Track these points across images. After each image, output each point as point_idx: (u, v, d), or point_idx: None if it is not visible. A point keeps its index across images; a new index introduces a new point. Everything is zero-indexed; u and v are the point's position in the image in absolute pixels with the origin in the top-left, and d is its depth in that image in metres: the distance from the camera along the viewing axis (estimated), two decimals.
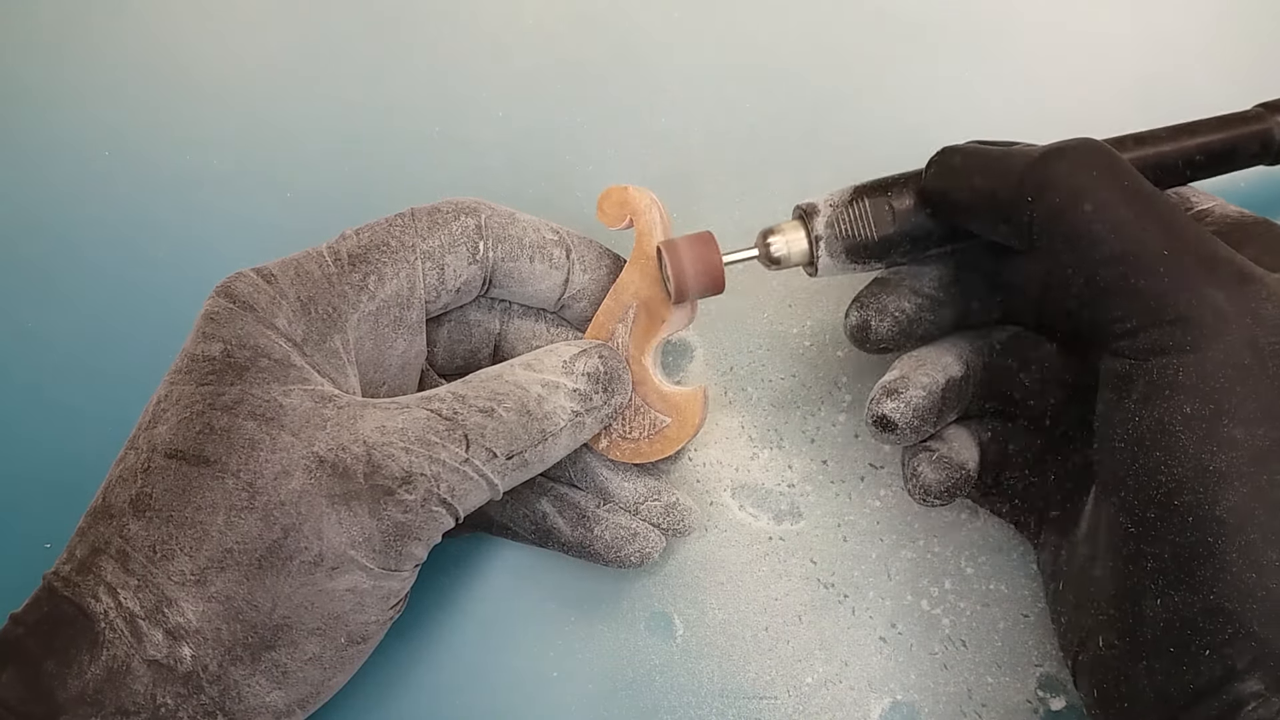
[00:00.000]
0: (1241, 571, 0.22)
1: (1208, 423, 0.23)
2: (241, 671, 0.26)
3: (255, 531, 0.26)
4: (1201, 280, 0.24)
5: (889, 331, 0.31)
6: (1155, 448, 0.24)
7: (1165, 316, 0.24)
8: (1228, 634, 0.22)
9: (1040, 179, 0.26)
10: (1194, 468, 0.23)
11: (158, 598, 0.26)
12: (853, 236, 0.30)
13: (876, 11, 0.42)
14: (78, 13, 0.45)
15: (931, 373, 0.30)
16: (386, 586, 0.28)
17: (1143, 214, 0.25)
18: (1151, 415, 0.24)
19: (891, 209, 0.30)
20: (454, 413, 0.28)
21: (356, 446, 0.27)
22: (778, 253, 0.31)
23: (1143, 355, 0.24)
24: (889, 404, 0.29)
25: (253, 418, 0.27)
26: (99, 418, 0.37)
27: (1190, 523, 0.23)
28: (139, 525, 0.26)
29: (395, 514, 0.27)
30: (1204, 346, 0.23)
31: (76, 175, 0.42)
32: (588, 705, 0.33)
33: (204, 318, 0.29)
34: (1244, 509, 0.22)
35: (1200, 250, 0.25)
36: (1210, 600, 0.23)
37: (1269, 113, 0.32)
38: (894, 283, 0.31)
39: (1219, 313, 0.24)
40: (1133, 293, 0.24)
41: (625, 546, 0.32)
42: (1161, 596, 0.24)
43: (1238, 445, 0.23)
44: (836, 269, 0.31)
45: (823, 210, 0.31)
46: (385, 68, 0.43)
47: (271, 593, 0.26)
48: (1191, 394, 0.23)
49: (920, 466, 0.30)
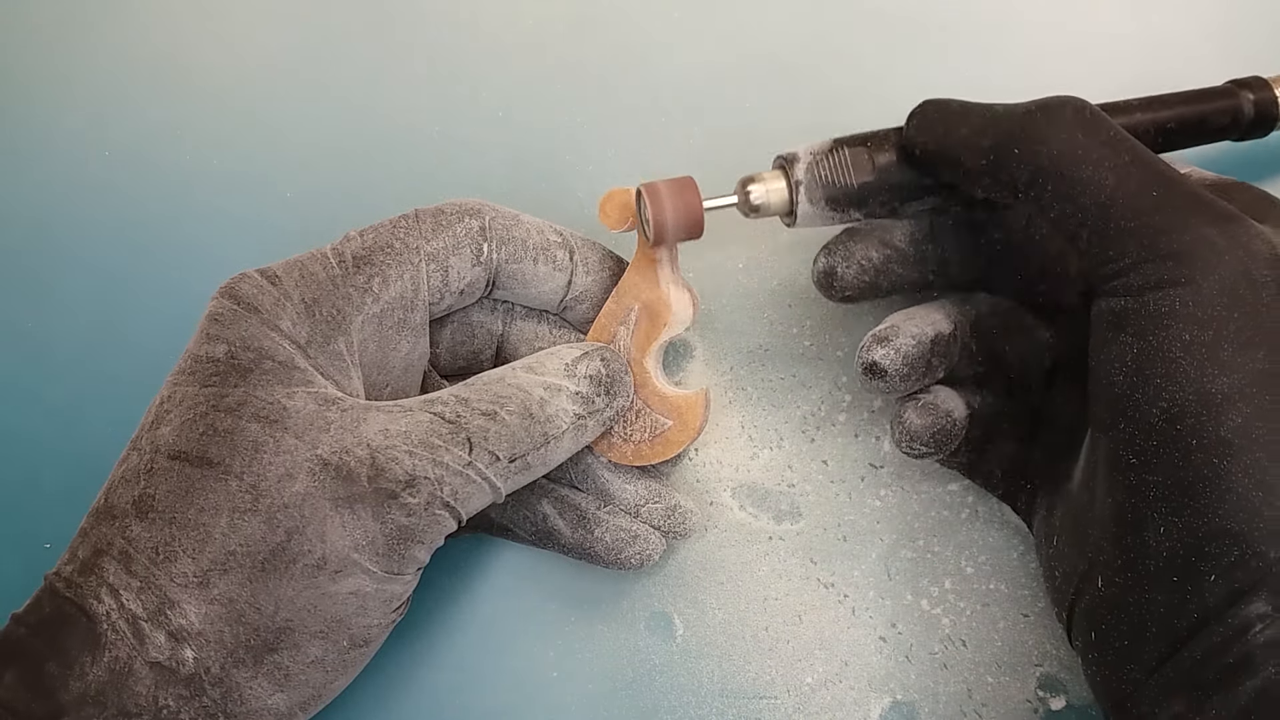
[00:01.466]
0: (1247, 491, 0.23)
1: (1207, 348, 0.24)
2: (244, 674, 0.26)
3: (258, 534, 0.26)
4: (1192, 217, 0.25)
5: (854, 279, 0.32)
6: (1155, 376, 0.24)
7: (1159, 252, 0.25)
8: (1234, 555, 0.23)
9: (1030, 130, 0.27)
10: (1195, 392, 0.23)
11: (160, 599, 0.26)
12: (832, 184, 0.31)
13: (876, 11, 0.42)
14: (78, 13, 0.44)
15: (921, 325, 0.30)
16: (389, 590, 0.28)
17: (1132, 160, 0.26)
18: (1150, 346, 0.24)
19: (872, 159, 0.31)
20: (457, 416, 0.28)
21: (360, 449, 0.27)
22: (757, 200, 0.31)
23: (1137, 291, 0.25)
24: (879, 350, 0.30)
25: (256, 420, 0.27)
26: (99, 418, 0.37)
27: (1194, 445, 0.23)
28: (141, 526, 0.26)
29: (399, 517, 0.27)
30: (1199, 279, 0.24)
31: (76, 175, 0.42)
32: (588, 705, 0.33)
33: (208, 319, 0.29)
34: (1247, 429, 0.23)
35: (1187, 191, 0.25)
36: (1215, 523, 0.23)
37: (1239, 89, 0.33)
38: (864, 233, 0.32)
39: (1213, 246, 0.24)
40: (1127, 233, 0.25)
41: (625, 549, 0.32)
42: (1165, 524, 0.24)
43: (1238, 368, 0.23)
44: (815, 218, 0.31)
45: (803, 158, 0.31)
46: (385, 68, 0.43)
47: (274, 595, 0.26)
48: (1190, 322, 0.24)
49: (907, 413, 0.31)
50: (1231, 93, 0.33)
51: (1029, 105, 0.28)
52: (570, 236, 0.33)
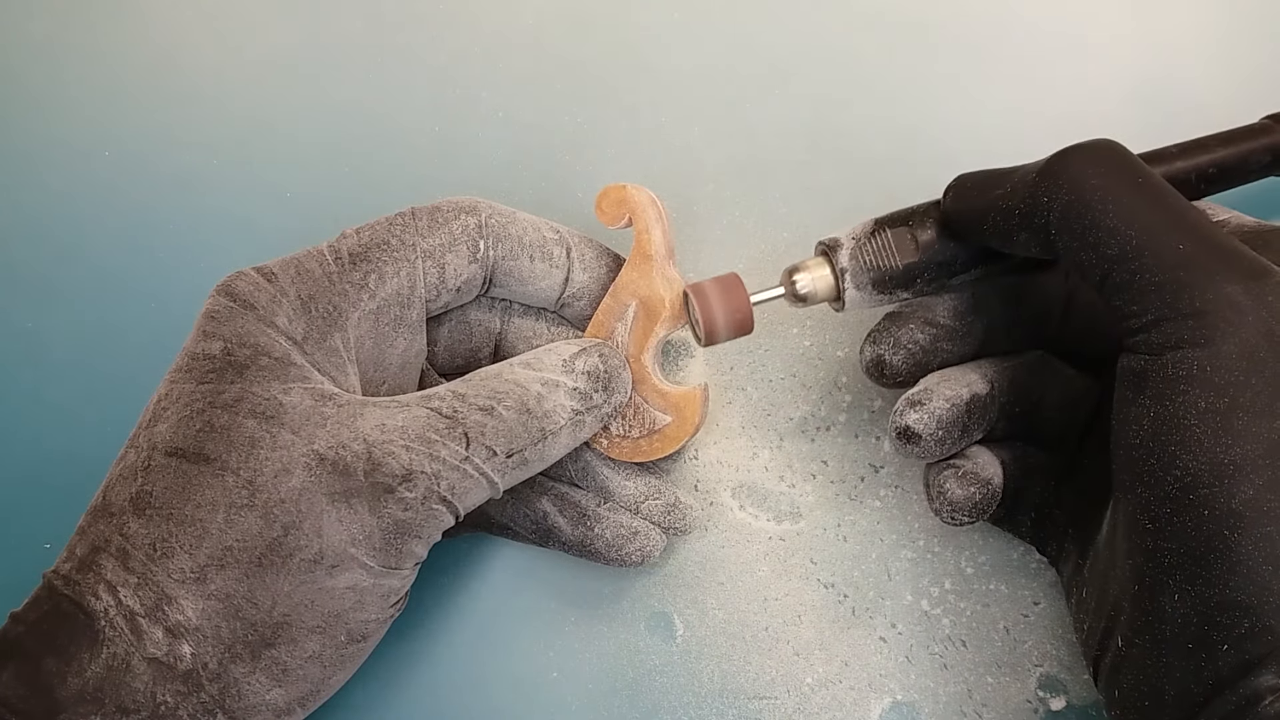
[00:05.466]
0: (1257, 565, 0.22)
1: (1222, 416, 0.23)
2: (241, 669, 0.26)
3: (255, 529, 0.26)
4: (1216, 274, 0.24)
5: (903, 364, 0.31)
6: (1170, 443, 0.24)
7: (1180, 310, 0.24)
8: (1244, 628, 0.22)
9: (1055, 176, 0.26)
10: (1209, 462, 0.23)
11: (158, 595, 0.26)
12: (878, 267, 0.30)
13: (876, 12, 0.42)
14: (78, 13, 0.44)
15: (956, 387, 0.30)
16: (387, 585, 0.28)
17: (1157, 208, 0.25)
18: (1166, 410, 0.24)
19: (914, 237, 0.30)
20: (454, 411, 0.28)
21: (357, 444, 0.27)
22: (804, 289, 0.31)
23: (1157, 350, 0.24)
24: (912, 415, 0.29)
25: (253, 416, 0.27)
26: (99, 418, 0.37)
27: (1205, 516, 0.23)
28: (139, 523, 0.26)
29: (395, 512, 0.27)
30: (1218, 340, 0.23)
31: (76, 175, 0.42)
32: (588, 705, 0.33)
33: (204, 316, 0.29)
34: (1259, 502, 0.22)
35: (1215, 245, 0.25)
36: (1226, 594, 0.23)
37: (1276, 124, 0.33)
38: (906, 315, 0.31)
39: (1234, 305, 0.24)
40: (1148, 287, 0.24)
41: (626, 545, 0.32)
42: (1179, 592, 0.24)
43: (1252, 438, 0.23)
44: (864, 302, 0.31)
45: (845, 244, 0.31)
46: (385, 68, 0.43)
47: (271, 590, 0.26)
48: (1206, 387, 0.23)
49: (947, 483, 0.30)
50: (1270, 129, 0.33)
51: (1062, 150, 0.27)
52: (567, 234, 0.33)
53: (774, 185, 0.39)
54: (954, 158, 0.39)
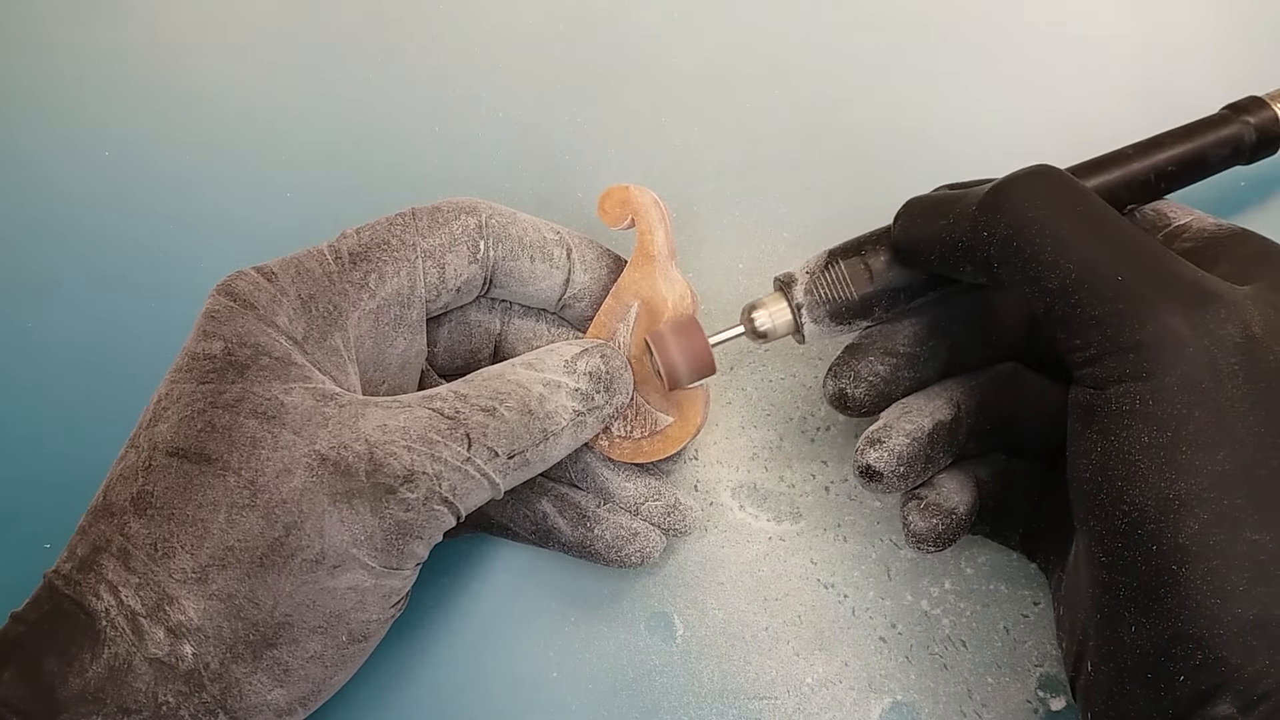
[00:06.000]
0: (1206, 598, 0.22)
1: (1166, 451, 0.23)
2: (243, 669, 0.26)
3: (257, 529, 0.26)
4: (1158, 304, 0.24)
5: (866, 396, 0.30)
6: (1117, 478, 0.24)
7: (1120, 344, 0.24)
8: (1198, 659, 0.22)
9: (992, 211, 0.26)
10: (1155, 497, 0.23)
11: (159, 595, 0.26)
12: (833, 300, 0.30)
13: (876, 12, 0.42)
14: (78, 13, 0.44)
15: (917, 419, 0.30)
16: (388, 585, 0.28)
17: (1096, 238, 0.25)
18: (1112, 445, 0.24)
19: (867, 266, 0.30)
20: (456, 412, 0.28)
21: (358, 445, 0.27)
22: (763, 326, 0.31)
23: (1101, 384, 0.24)
24: (872, 454, 0.29)
25: (254, 416, 0.27)
26: (99, 418, 0.37)
27: (1154, 551, 0.23)
28: (140, 523, 0.26)
29: (397, 512, 0.27)
30: (1160, 373, 0.23)
31: (76, 176, 0.42)
32: (588, 705, 0.33)
33: (205, 316, 0.29)
34: (1205, 536, 0.22)
35: (1157, 272, 0.24)
36: (1178, 627, 0.23)
37: (1235, 114, 0.32)
38: (865, 347, 0.31)
39: (1176, 337, 0.23)
40: (1088, 321, 0.24)
41: (626, 546, 0.32)
42: (1135, 624, 0.24)
43: (1197, 472, 0.23)
44: (823, 334, 0.31)
45: (800, 278, 0.31)
46: (385, 68, 0.43)
47: (273, 590, 0.26)
48: (1149, 422, 0.23)
49: (910, 515, 0.30)
50: (1228, 119, 0.32)
51: (1001, 181, 0.26)
52: (568, 234, 0.33)
53: (774, 185, 0.39)
54: (954, 158, 0.39)
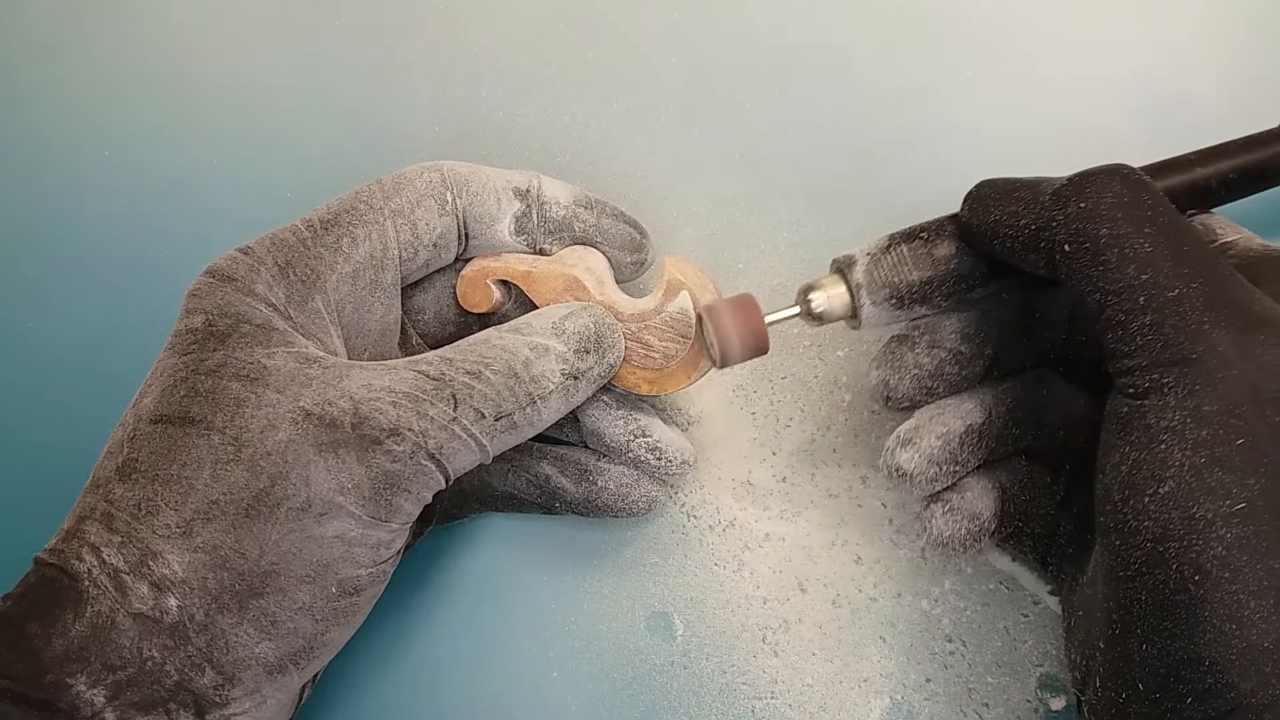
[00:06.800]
0: (1222, 623, 0.22)
1: (1199, 471, 0.23)
2: (229, 620, 0.26)
3: (242, 481, 0.26)
4: (1208, 321, 0.24)
5: (910, 389, 0.30)
6: (1145, 492, 0.24)
7: (1167, 357, 0.24)
8: (1208, 683, 0.22)
9: (1064, 203, 0.26)
10: (1182, 515, 0.23)
11: (142, 552, 0.26)
12: (894, 283, 0.30)
13: (876, 11, 0.42)
14: (78, 13, 0.44)
15: (948, 421, 0.30)
16: (375, 536, 0.28)
17: (1159, 247, 0.25)
18: (1145, 459, 0.24)
19: (930, 252, 0.30)
20: (441, 374, 0.28)
21: (343, 401, 0.27)
22: (819, 308, 0.30)
23: (1142, 394, 0.24)
24: (903, 454, 0.29)
25: (237, 379, 0.27)
26: (99, 418, 0.37)
27: (1174, 570, 0.23)
28: (124, 488, 0.27)
29: (383, 463, 0.27)
30: (1202, 392, 0.23)
31: (76, 176, 0.42)
32: (588, 705, 0.33)
33: (187, 295, 0.29)
34: (1229, 560, 0.22)
35: (1212, 289, 0.24)
36: (1191, 649, 0.23)
37: None
38: (912, 338, 0.31)
39: (1221, 357, 0.23)
40: (1139, 329, 0.24)
41: (631, 493, 0.32)
42: (1147, 642, 0.23)
43: (1228, 494, 0.23)
44: (880, 318, 0.30)
45: (859, 259, 0.30)
46: (385, 67, 0.43)
47: (259, 540, 0.26)
48: (1185, 440, 0.23)
49: (934, 519, 0.30)
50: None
51: (1078, 174, 0.26)
52: (534, 174, 0.33)
53: (774, 185, 0.39)
54: (954, 158, 0.39)
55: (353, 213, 0.30)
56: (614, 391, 0.33)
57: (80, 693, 0.25)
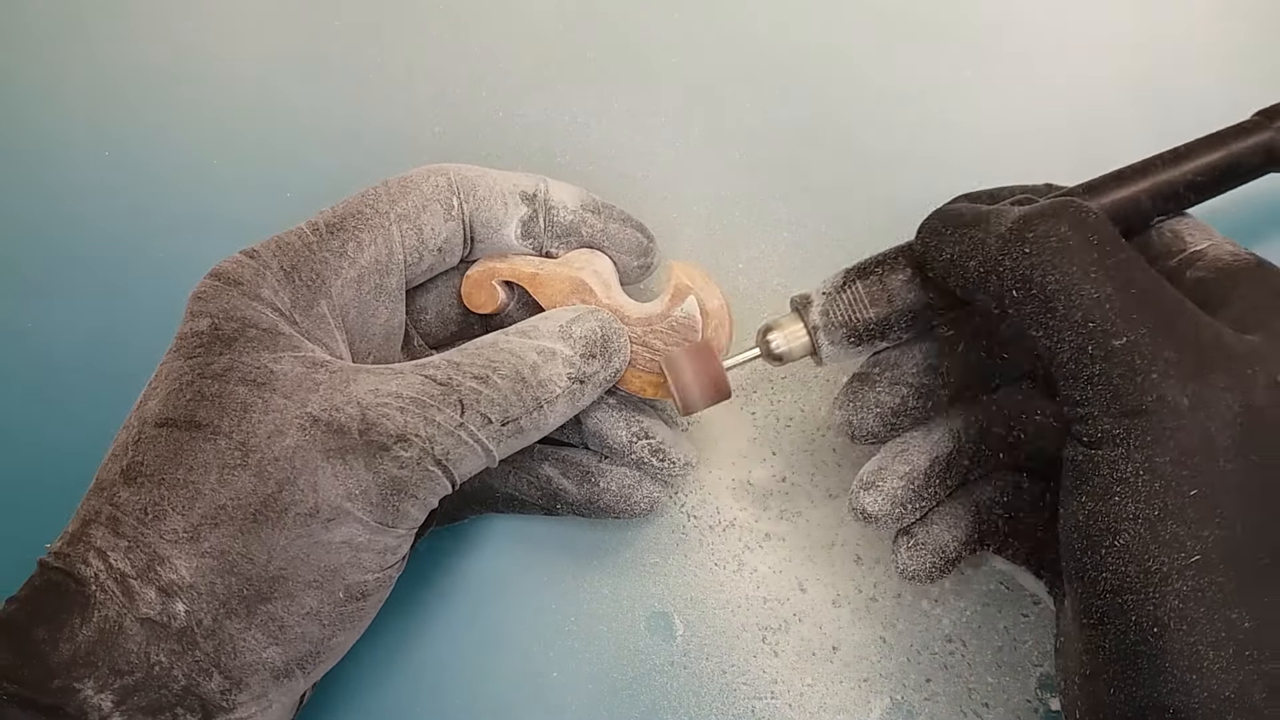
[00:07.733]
0: (1183, 674, 0.22)
1: (1152, 523, 0.23)
2: (236, 625, 0.26)
3: (249, 487, 0.26)
4: (1156, 371, 0.23)
5: (874, 426, 0.30)
6: (1102, 544, 0.24)
7: (1117, 408, 0.24)
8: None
9: (1010, 249, 0.25)
10: (1137, 568, 0.23)
11: (149, 556, 0.26)
12: (850, 322, 0.30)
13: (876, 11, 0.42)
14: (78, 13, 0.44)
15: (912, 458, 0.30)
16: (382, 541, 0.28)
17: (1104, 291, 0.24)
18: (1100, 509, 0.24)
19: (885, 287, 0.30)
20: (449, 378, 0.28)
21: (350, 407, 0.27)
22: (779, 349, 0.31)
23: (1096, 444, 0.24)
24: (866, 498, 0.29)
25: (243, 383, 0.27)
26: (99, 418, 0.37)
27: (1133, 621, 0.23)
28: (129, 492, 0.27)
29: (391, 469, 0.27)
30: (1154, 444, 0.23)
31: (76, 175, 0.42)
32: (588, 705, 0.33)
33: (192, 299, 0.29)
34: (1184, 613, 0.22)
35: (1163, 332, 0.24)
36: (1155, 697, 0.23)
37: (1267, 120, 0.31)
38: (873, 376, 0.31)
39: (1172, 408, 0.23)
40: (1090, 378, 0.24)
41: (633, 494, 0.32)
42: (1114, 686, 0.24)
43: (1181, 547, 0.23)
44: (841, 355, 0.30)
45: (815, 300, 0.30)
46: (385, 67, 0.43)
47: (267, 545, 0.26)
48: (1138, 492, 0.23)
49: (899, 553, 0.30)
50: (1261, 126, 0.30)
51: (1018, 216, 0.26)
52: (540, 178, 0.33)
53: (774, 185, 0.39)
54: (954, 158, 0.39)
55: (358, 217, 0.30)
56: (616, 393, 0.33)
57: (88, 697, 0.25)
